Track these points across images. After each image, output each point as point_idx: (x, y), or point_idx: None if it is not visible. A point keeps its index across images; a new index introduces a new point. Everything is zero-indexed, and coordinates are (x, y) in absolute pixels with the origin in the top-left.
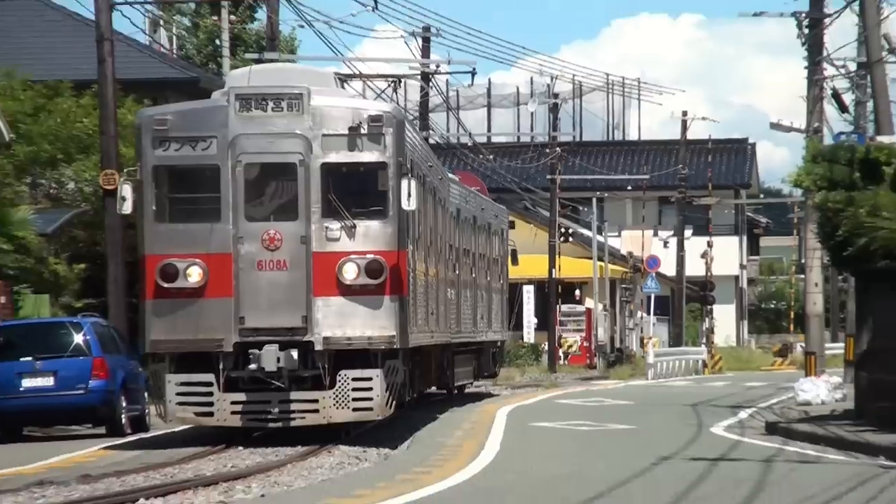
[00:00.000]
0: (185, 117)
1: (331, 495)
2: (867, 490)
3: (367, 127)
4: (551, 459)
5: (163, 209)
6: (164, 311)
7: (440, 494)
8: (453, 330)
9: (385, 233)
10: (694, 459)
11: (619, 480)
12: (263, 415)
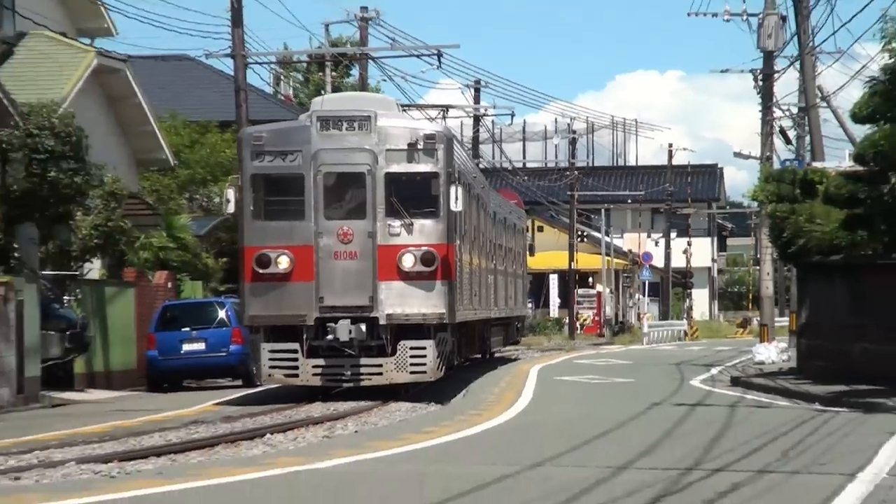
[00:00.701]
0: (277, 135)
1: (407, 431)
2: (806, 427)
3: (423, 143)
4: (571, 405)
5: (259, 210)
6: (259, 292)
7: (490, 429)
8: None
9: (437, 229)
10: (677, 405)
11: (621, 420)
12: (338, 376)
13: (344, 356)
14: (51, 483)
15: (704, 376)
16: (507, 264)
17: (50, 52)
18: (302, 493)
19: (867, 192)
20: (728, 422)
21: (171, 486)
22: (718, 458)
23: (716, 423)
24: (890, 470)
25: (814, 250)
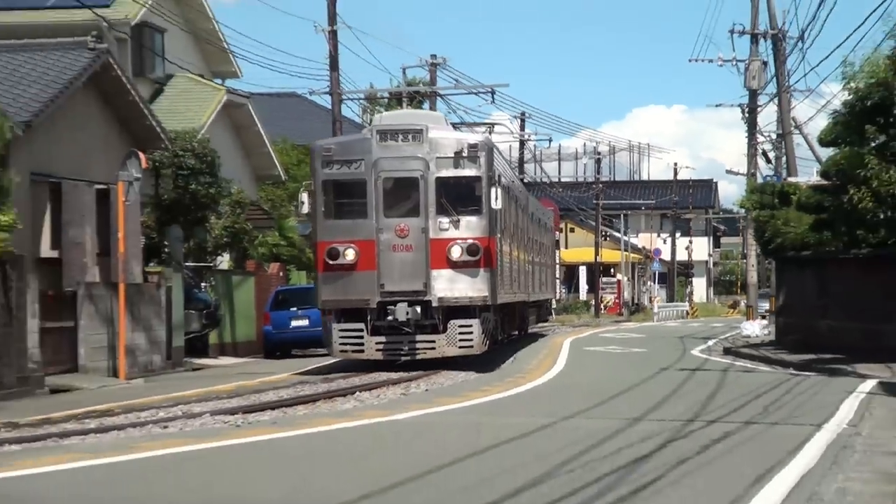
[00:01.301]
0: (343, 146)
1: (467, 391)
2: (783, 388)
3: (467, 151)
4: (596, 370)
5: (329, 210)
6: (329, 280)
7: (532, 389)
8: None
9: (480, 224)
10: (681, 370)
11: (637, 382)
12: (397, 351)
13: (402, 334)
14: (191, 431)
15: (702, 347)
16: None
17: (190, 90)
18: (385, 438)
19: (831, 202)
20: (721, 383)
21: (283, 433)
22: (713, 412)
23: (711, 385)
24: (849, 421)
25: (789, 247)
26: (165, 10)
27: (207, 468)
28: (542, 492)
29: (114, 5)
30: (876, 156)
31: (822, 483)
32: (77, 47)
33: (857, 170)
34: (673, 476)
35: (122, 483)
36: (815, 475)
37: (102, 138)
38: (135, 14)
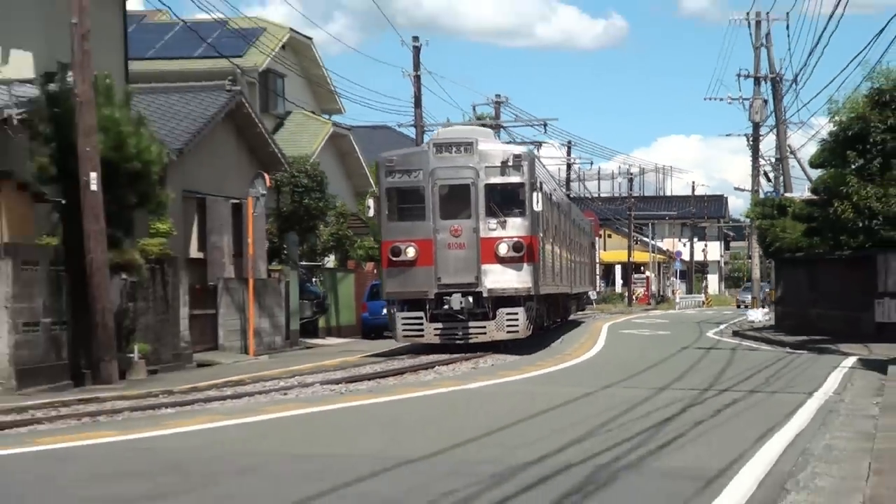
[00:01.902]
0: (404, 158)
1: (524, 365)
2: (780, 363)
3: (512, 161)
4: (629, 349)
5: (392, 213)
6: (393, 275)
7: (577, 364)
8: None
9: (524, 225)
10: (698, 349)
11: (662, 358)
12: (453, 336)
13: (457, 321)
14: (305, 397)
15: (715, 330)
16: (579, 255)
17: (304, 124)
18: (459, 404)
19: (819, 213)
20: (730, 360)
21: (378, 399)
22: (724, 382)
23: (722, 361)
24: (835, 391)
25: (785, 250)
26: (285, 60)
27: (318, 427)
28: (585, 447)
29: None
30: (856, 176)
31: (812, 441)
32: (217, 89)
33: (840, 187)
34: (692, 435)
35: (251, 439)
36: (807, 434)
37: (236, 162)
38: (262, 63)
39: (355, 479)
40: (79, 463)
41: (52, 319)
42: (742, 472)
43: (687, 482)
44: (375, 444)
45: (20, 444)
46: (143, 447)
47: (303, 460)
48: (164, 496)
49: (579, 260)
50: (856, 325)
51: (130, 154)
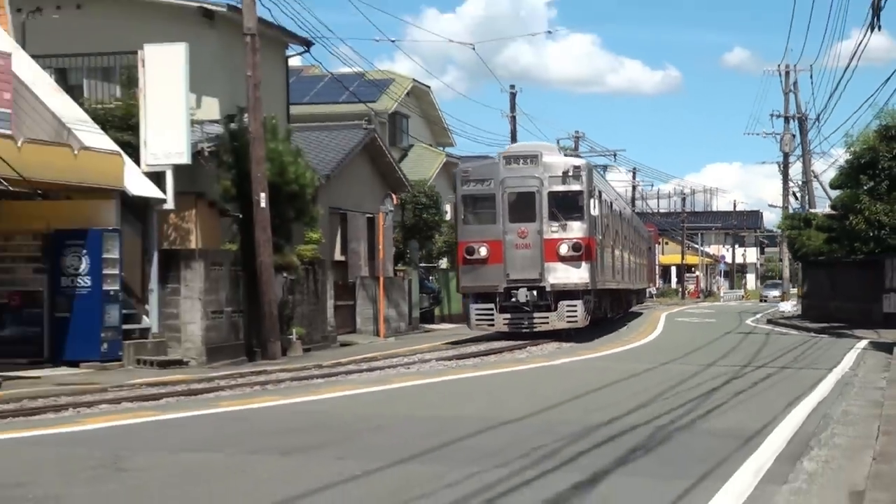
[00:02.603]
0: (477, 169)
1: (599, 346)
2: (806, 345)
3: (572, 171)
4: (682, 333)
5: (467, 217)
6: (467, 271)
7: (639, 345)
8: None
9: (582, 227)
10: (738, 333)
11: (709, 341)
12: (520, 325)
13: (523, 312)
14: (424, 371)
15: (752, 319)
16: (639, 257)
17: (423, 155)
18: (546, 376)
19: (837, 225)
20: (765, 342)
21: (481, 372)
22: (760, 360)
23: (759, 343)
24: (850, 367)
25: (810, 254)
26: (409, 104)
27: (435, 394)
28: (647, 410)
29: (378, 101)
30: (867, 195)
31: (831, 407)
32: (356, 127)
33: (854, 204)
34: (733, 402)
35: (382, 403)
36: (827, 402)
37: (370, 185)
38: (391, 106)
39: (465, 435)
40: (251, 422)
41: (232, 308)
42: (774, 432)
43: (730, 440)
44: (480, 408)
45: (208, 406)
46: (300, 410)
47: (423, 421)
48: (317, 448)
49: (639, 261)
50: (867, 315)
51: (290, 179)
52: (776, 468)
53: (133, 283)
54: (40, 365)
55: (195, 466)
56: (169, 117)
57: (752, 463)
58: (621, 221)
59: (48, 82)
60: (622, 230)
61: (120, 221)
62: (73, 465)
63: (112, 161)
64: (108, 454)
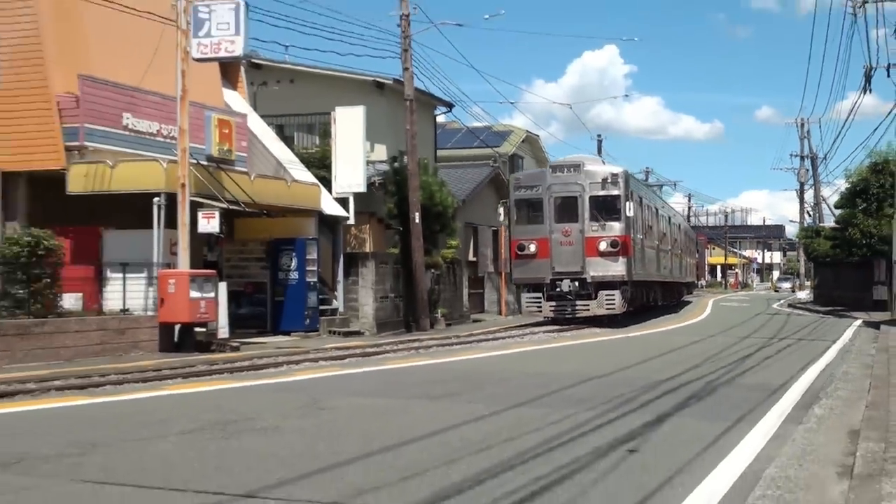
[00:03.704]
0: (528, 177)
1: (662, 324)
2: (817, 323)
3: (611, 178)
4: (724, 314)
5: (519, 219)
6: (519, 265)
7: (690, 324)
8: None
9: (619, 227)
10: (766, 314)
11: (746, 319)
12: (564, 311)
13: (566, 300)
14: (533, 340)
15: (777, 304)
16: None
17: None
18: (621, 345)
19: (839, 235)
20: (786, 321)
21: (575, 342)
22: (782, 334)
23: (781, 321)
24: (849, 339)
25: (819, 257)
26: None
27: (542, 357)
28: (698, 370)
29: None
30: (861, 213)
31: (835, 369)
32: (484, 165)
33: (852, 220)
34: (763, 364)
35: (504, 363)
36: (832, 365)
37: (493, 207)
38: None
39: (563, 387)
40: (408, 375)
41: (394, 294)
42: (793, 387)
43: (760, 392)
44: (574, 367)
45: (378, 364)
46: (443, 367)
47: (532, 376)
48: (455, 395)
49: (690, 260)
50: (861, 301)
51: (437, 202)
52: (794, 413)
53: (326, 276)
54: (264, 334)
55: (370, 407)
56: (351, 159)
57: (776, 409)
58: (670, 227)
59: (271, 135)
60: (671, 234)
61: (317, 232)
62: (286, 405)
63: (313, 190)
64: (309, 398)
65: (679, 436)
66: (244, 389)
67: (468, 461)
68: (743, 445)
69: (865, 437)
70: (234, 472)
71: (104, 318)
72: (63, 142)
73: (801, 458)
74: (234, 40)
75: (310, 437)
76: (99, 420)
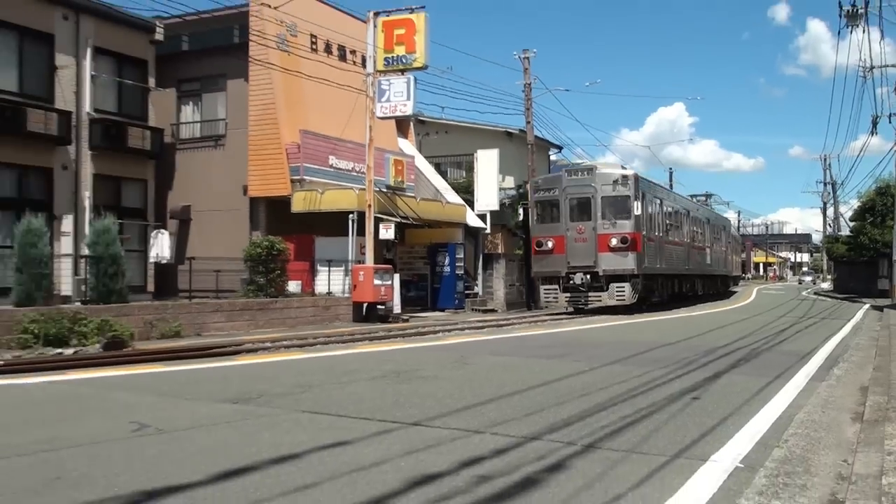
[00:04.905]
0: (546, 180)
1: (720, 306)
2: (835, 306)
3: (621, 180)
4: (766, 299)
5: (538, 217)
6: (538, 260)
7: (740, 306)
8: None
9: (629, 224)
10: (796, 300)
11: (778, 304)
12: (578, 302)
13: (580, 292)
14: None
15: (805, 291)
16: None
17: None
18: (684, 320)
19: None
20: (812, 304)
21: (652, 318)
22: (810, 314)
23: (809, 305)
24: (859, 319)
25: (838, 257)
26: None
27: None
28: (746, 339)
29: None
30: (869, 225)
31: (849, 341)
32: None
33: (862, 230)
34: (795, 336)
35: (599, 333)
36: (847, 338)
37: None
38: None
39: (642, 351)
40: (529, 341)
41: (518, 283)
42: (817, 353)
43: (793, 357)
44: (651, 336)
45: (506, 333)
46: (554, 336)
47: (620, 343)
48: (562, 356)
49: (736, 258)
50: (870, 290)
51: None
52: (818, 373)
53: (470, 269)
54: (425, 310)
55: (502, 363)
56: (488, 186)
57: (804, 370)
58: (707, 228)
59: (431, 170)
60: (709, 234)
61: (464, 239)
62: (442, 361)
63: (461, 209)
64: (458, 355)
65: (731, 388)
66: (412, 349)
67: (573, 403)
68: (779, 396)
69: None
70: (405, 407)
71: (315, 298)
72: (289, 176)
73: (823, 407)
74: (406, 104)
75: (458, 384)
76: (312, 369)
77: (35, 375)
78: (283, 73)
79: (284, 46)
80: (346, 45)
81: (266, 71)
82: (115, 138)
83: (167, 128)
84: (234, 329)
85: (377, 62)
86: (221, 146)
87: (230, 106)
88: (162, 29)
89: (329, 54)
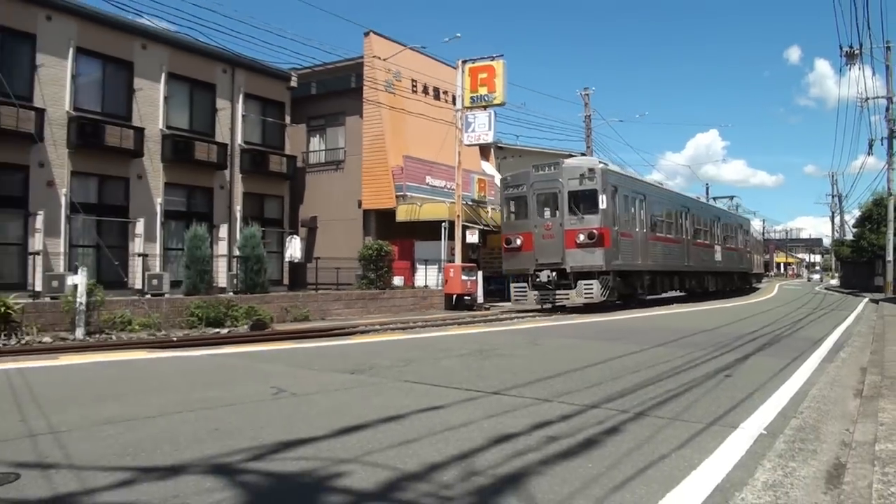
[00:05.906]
0: (515, 176)
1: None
2: (842, 299)
3: (588, 173)
4: (785, 294)
5: (508, 215)
6: (508, 258)
7: (764, 300)
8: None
9: (596, 219)
10: (811, 293)
11: (797, 297)
12: (546, 300)
13: (549, 289)
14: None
15: (818, 287)
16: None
17: None
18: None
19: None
20: (824, 298)
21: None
22: (822, 306)
23: (821, 298)
24: (861, 310)
25: (844, 258)
26: None
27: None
28: (770, 327)
29: None
30: (868, 231)
31: (852, 329)
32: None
33: (862, 235)
34: (809, 324)
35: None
36: (851, 326)
37: None
38: None
39: (684, 335)
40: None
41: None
42: (827, 339)
43: (807, 342)
44: (691, 324)
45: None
46: (610, 322)
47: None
48: (617, 339)
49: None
50: (868, 286)
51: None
52: (828, 356)
53: None
54: (503, 301)
55: (567, 344)
56: None
57: (817, 353)
58: (718, 227)
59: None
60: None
61: None
62: (517, 341)
63: None
64: (531, 337)
65: (757, 367)
66: (492, 332)
67: (626, 378)
68: (797, 375)
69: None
70: (487, 379)
71: (415, 290)
72: (394, 192)
73: (832, 384)
74: (488, 133)
75: (530, 360)
76: (412, 346)
77: (199, 349)
78: (390, 110)
79: (391, 89)
80: (440, 87)
81: (376, 109)
82: (260, 164)
83: (299, 155)
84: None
85: (465, 100)
86: (341, 169)
87: (348, 137)
88: (295, 77)
89: (426, 94)
